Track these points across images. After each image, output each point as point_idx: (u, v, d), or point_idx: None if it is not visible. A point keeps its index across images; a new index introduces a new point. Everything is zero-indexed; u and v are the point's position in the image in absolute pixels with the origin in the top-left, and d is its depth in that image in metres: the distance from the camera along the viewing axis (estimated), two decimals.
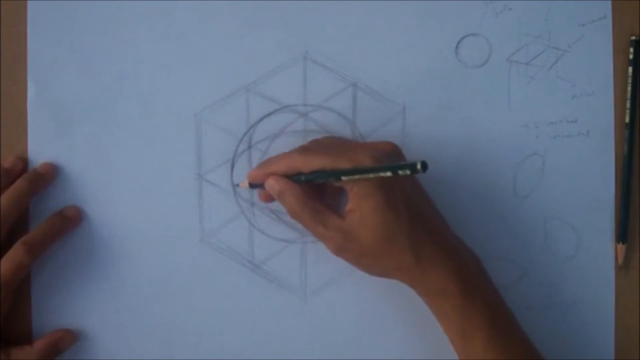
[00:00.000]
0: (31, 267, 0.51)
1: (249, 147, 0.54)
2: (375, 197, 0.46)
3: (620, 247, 0.54)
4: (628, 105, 0.54)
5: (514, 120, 0.55)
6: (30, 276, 0.53)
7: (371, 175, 0.45)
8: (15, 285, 0.50)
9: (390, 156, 0.49)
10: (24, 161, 0.52)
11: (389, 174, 0.44)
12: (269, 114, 0.54)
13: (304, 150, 0.49)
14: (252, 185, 0.51)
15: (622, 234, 0.54)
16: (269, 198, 0.51)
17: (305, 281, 0.54)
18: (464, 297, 0.47)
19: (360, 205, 0.47)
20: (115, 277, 0.53)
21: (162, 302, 0.53)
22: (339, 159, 0.46)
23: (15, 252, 0.49)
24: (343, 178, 0.46)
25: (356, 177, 0.45)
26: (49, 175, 0.52)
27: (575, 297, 0.55)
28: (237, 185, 0.53)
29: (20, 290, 0.51)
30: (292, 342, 0.54)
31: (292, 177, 0.48)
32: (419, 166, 0.42)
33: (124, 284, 0.53)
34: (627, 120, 0.55)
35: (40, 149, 0.53)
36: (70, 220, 0.52)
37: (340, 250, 0.48)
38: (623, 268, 0.55)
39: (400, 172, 0.43)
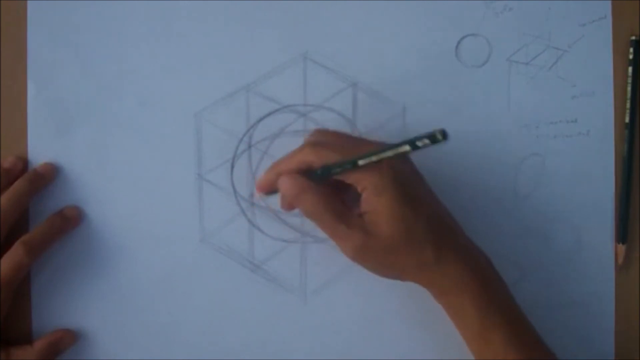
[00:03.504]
0: (31, 267, 0.51)
1: (249, 147, 0.54)
2: (391, 192, 0.45)
3: (620, 247, 0.54)
4: (628, 105, 0.54)
5: (514, 120, 0.55)
6: (30, 276, 0.53)
7: (390, 154, 0.43)
8: (15, 285, 0.50)
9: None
10: (24, 161, 0.52)
11: (407, 147, 0.42)
12: (269, 114, 0.54)
13: (314, 144, 0.47)
14: (266, 193, 0.49)
15: (622, 234, 0.54)
16: (292, 206, 0.49)
17: (305, 281, 0.54)
18: (482, 292, 0.47)
19: (378, 203, 0.45)
20: (115, 277, 0.53)
21: (162, 302, 0.53)
22: (352, 154, 0.45)
23: (15, 252, 0.49)
24: (360, 162, 0.44)
25: (373, 158, 0.44)
26: (49, 175, 0.52)
27: (575, 297, 0.55)
28: (252, 195, 0.52)
29: (20, 290, 0.51)
30: (292, 342, 0.54)
31: (306, 174, 0.47)
32: (438, 135, 0.40)
33: (124, 284, 0.53)
34: (627, 120, 0.54)
35: (40, 149, 0.53)
36: (70, 220, 0.52)
37: (359, 251, 0.46)
38: (623, 268, 0.55)
39: (418, 143, 0.41)
